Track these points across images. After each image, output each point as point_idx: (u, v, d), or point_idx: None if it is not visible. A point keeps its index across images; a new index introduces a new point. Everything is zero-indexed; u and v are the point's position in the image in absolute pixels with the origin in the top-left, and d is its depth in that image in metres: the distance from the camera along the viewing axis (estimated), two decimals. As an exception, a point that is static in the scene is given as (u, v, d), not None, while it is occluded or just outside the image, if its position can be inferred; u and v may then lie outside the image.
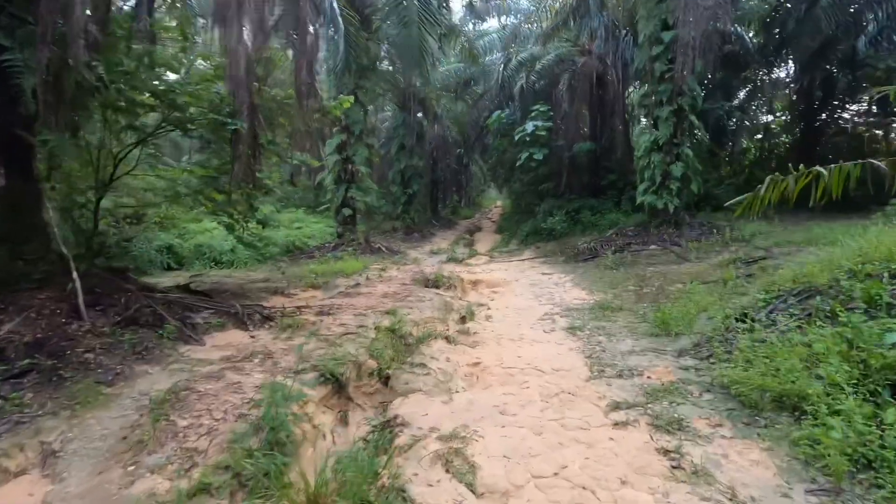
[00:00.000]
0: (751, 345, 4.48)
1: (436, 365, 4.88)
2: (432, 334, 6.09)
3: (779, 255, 8.98)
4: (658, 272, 9.42)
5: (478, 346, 5.79)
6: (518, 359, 5.18)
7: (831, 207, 15.27)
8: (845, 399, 3.07)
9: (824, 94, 16.44)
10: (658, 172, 12.45)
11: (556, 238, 16.42)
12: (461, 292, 10.18)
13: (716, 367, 4.59)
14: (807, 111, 17.75)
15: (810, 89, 16.44)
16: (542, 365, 4.92)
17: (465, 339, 6.04)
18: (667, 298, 7.61)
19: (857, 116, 18.08)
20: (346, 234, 14.28)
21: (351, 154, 14.05)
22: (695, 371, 4.61)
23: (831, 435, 2.79)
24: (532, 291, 9.18)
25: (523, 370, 4.81)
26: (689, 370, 4.64)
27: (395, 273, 11.09)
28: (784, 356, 3.91)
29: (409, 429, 3.54)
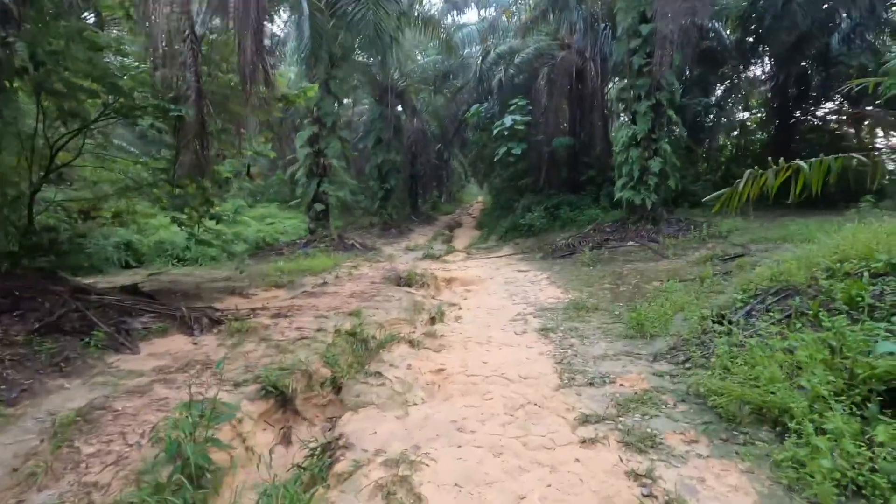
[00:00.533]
0: (728, 350, 4.18)
1: (394, 373, 4.47)
2: (396, 338, 5.69)
3: (756, 252, 8.79)
4: (635, 269, 9.16)
5: (443, 350, 5.39)
6: (484, 365, 4.80)
7: (804, 204, 15.29)
8: (832, 415, 2.76)
9: (799, 92, 16.44)
10: (636, 168, 12.21)
11: (535, 234, 16.13)
12: (434, 291, 9.78)
13: (692, 374, 4.28)
14: (782, 108, 17.77)
15: (785, 86, 16.42)
16: (509, 372, 4.55)
17: (431, 343, 5.64)
18: (643, 297, 7.33)
19: (830, 114, 18.19)
20: (319, 230, 13.75)
21: (323, 147, 13.50)
22: (670, 378, 4.29)
23: (820, 462, 2.47)
24: (506, 290, 8.83)
25: (488, 378, 4.43)
26: (663, 377, 4.32)
27: (366, 271, 10.64)
28: (764, 363, 3.60)
29: (352, 451, 3.13)
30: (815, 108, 17.36)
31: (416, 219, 24.53)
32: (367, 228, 20.10)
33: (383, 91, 20.27)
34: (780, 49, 15.03)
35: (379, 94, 20.60)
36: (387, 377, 4.33)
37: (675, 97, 12.36)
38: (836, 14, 14.17)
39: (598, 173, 18.12)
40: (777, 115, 18.17)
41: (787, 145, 18.06)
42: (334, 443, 3.24)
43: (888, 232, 6.22)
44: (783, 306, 5.03)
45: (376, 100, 20.81)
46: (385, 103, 20.09)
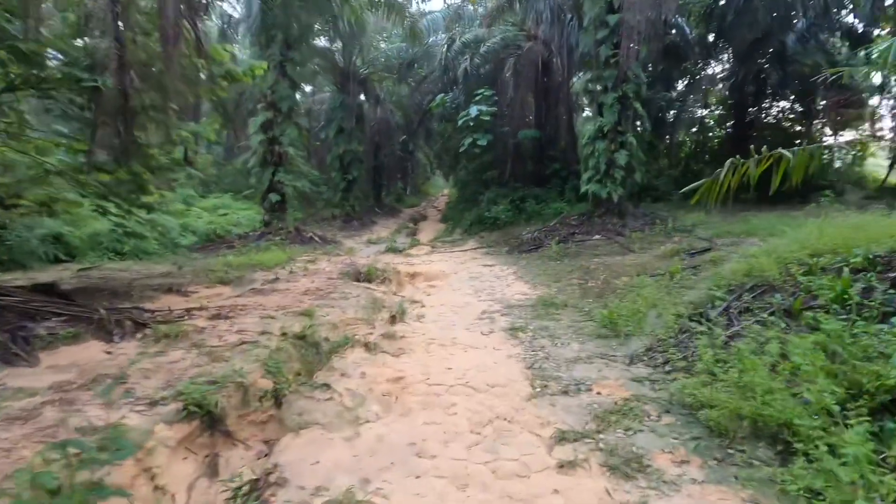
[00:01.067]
0: (711, 351, 3.83)
1: (345, 384, 3.89)
2: (351, 341, 5.10)
3: (722, 247, 8.65)
4: (603, 264, 8.86)
5: (403, 354, 4.84)
6: (448, 371, 4.29)
7: (760, 200, 15.51)
8: (846, 435, 2.39)
9: (756, 89, 16.68)
10: (602, 161, 11.96)
11: (501, 227, 15.76)
12: (396, 287, 9.20)
13: (674, 378, 3.91)
14: (739, 106, 18.03)
15: (743, 84, 16.62)
16: (475, 379, 4.05)
17: (390, 346, 5.08)
18: (613, 293, 7.00)
19: (782, 112, 18.62)
20: (274, 222, 12.88)
21: (278, 134, 12.61)
22: (650, 384, 3.90)
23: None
24: (472, 285, 8.35)
25: (452, 387, 3.92)
26: (643, 382, 3.93)
27: (324, 265, 9.94)
28: (754, 369, 3.24)
29: (286, 489, 2.55)
30: (771, 105, 17.69)
31: (380, 211, 23.77)
32: (328, 221, 19.24)
33: (345, 78, 19.38)
34: (741, 46, 15.15)
35: (340, 82, 19.68)
36: (336, 390, 3.75)
37: (642, 90, 12.17)
38: (794, 13, 14.35)
39: (564, 167, 17.93)
40: (735, 112, 18.46)
41: (744, 142, 18.39)
42: (264, 479, 2.64)
43: (855, 226, 6.09)
44: (762, 303, 4.75)
45: (338, 87, 19.88)
46: (347, 91, 19.20)
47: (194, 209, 14.18)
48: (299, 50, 12.94)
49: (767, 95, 17.28)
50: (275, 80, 12.47)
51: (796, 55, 15.24)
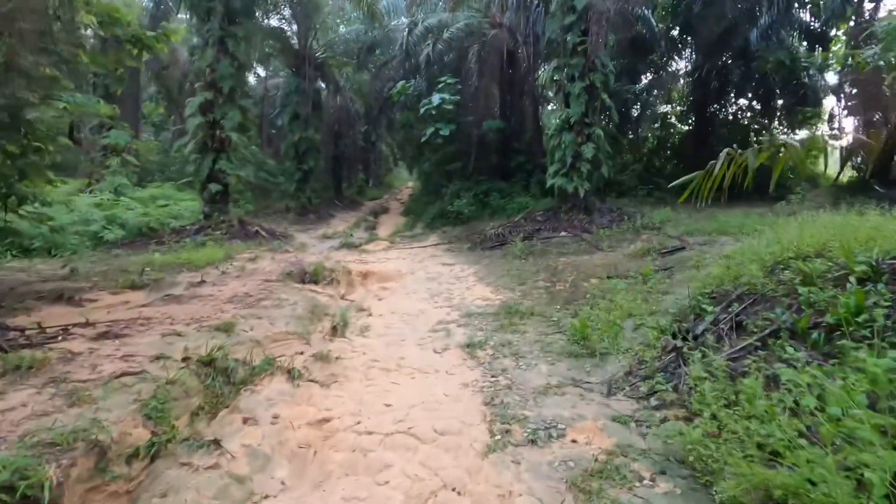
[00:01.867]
0: (709, 385, 3.06)
1: (245, 438, 2.90)
2: (272, 366, 4.08)
3: (694, 246, 8.06)
4: (570, 263, 8.12)
5: (335, 383, 3.88)
6: (387, 410, 3.37)
7: (719, 198, 15.33)
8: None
9: (719, 85, 16.40)
10: (569, 153, 11.25)
11: (464, 222, 14.91)
12: (345, 289, 8.18)
13: (664, 416, 3.13)
14: (701, 102, 17.78)
15: (707, 79, 16.31)
16: (420, 423, 3.15)
17: (321, 372, 4.10)
18: (583, 298, 6.24)
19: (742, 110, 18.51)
20: (215, 214, 11.53)
21: (219, 117, 11.24)
22: (636, 426, 3.10)
23: None
24: (428, 288, 7.44)
25: (390, 436, 3.00)
26: (627, 424, 3.12)
27: (265, 264, 8.78)
28: (771, 418, 2.47)
29: None
30: (734, 102, 17.51)
31: (340, 204, 22.47)
32: (281, 213, 17.86)
33: (300, 61, 17.94)
34: (707, 40, 14.76)
35: (295, 65, 18.23)
36: (228, 449, 2.75)
37: (610, 80, 11.50)
38: (759, 9, 14.03)
39: (529, 160, 17.22)
40: (696, 108, 18.21)
41: (705, 139, 18.23)
42: None
43: (840, 226, 5.51)
44: (757, 318, 4.04)
45: (293, 71, 18.42)
46: (303, 75, 17.78)
47: (125, 200, 12.58)
48: (242, 25, 11.55)
49: (729, 92, 17.06)
50: (214, 57, 11.07)
51: (758, 51, 14.99)
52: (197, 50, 11.50)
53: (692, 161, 19.11)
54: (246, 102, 11.93)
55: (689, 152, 19.26)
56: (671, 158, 20.47)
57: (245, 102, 11.91)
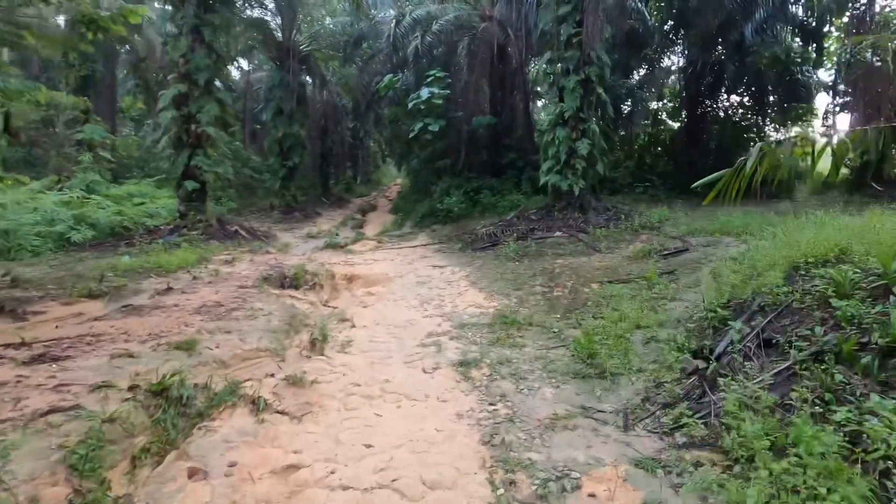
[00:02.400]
0: (750, 422, 2.55)
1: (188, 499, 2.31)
2: (236, 394, 3.50)
3: (698, 247, 7.60)
4: (568, 266, 7.61)
5: (308, 414, 3.31)
6: (367, 453, 2.81)
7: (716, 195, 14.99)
8: None
9: (714, 81, 15.99)
10: (563, 150, 10.73)
11: (454, 220, 14.35)
12: (327, 295, 7.59)
13: (696, 460, 2.61)
14: (694, 98, 17.37)
15: (701, 75, 15.89)
16: (406, 471, 2.59)
17: (294, 399, 3.53)
18: (585, 306, 5.73)
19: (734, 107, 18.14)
20: (192, 213, 10.82)
21: (194, 110, 10.51)
22: (664, 472, 2.57)
23: None
24: (418, 294, 6.87)
25: (370, 493, 2.43)
26: (654, 472, 2.59)
27: (242, 267, 8.14)
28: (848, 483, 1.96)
29: None
30: (727, 98, 17.14)
31: (327, 201, 21.74)
32: (265, 212, 17.13)
33: (284, 54, 17.17)
34: (700, 34, 14.33)
35: (279, 58, 17.46)
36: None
37: (605, 73, 10.99)
38: (753, 3, 13.61)
39: (520, 157, 16.68)
40: (689, 104, 17.81)
41: (697, 136, 17.86)
42: None
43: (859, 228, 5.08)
44: (787, 335, 3.55)
45: (276, 64, 17.65)
46: (286, 68, 17.01)
47: (96, 198, 11.78)
48: (220, 13, 10.81)
49: (722, 88, 16.67)
50: (188, 46, 10.33)
51: (754, 46, 14.59)
52: (170, 39, 10.74)
53: (684, 158, 18.81)
54: (225, 95, 11.21)
55: (680, 149, 18.91)
56: (661, 156, 20.11)
57: (224, 95, 11.19)
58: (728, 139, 17.77)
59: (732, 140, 17.75)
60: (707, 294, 4.89)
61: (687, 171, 17.59)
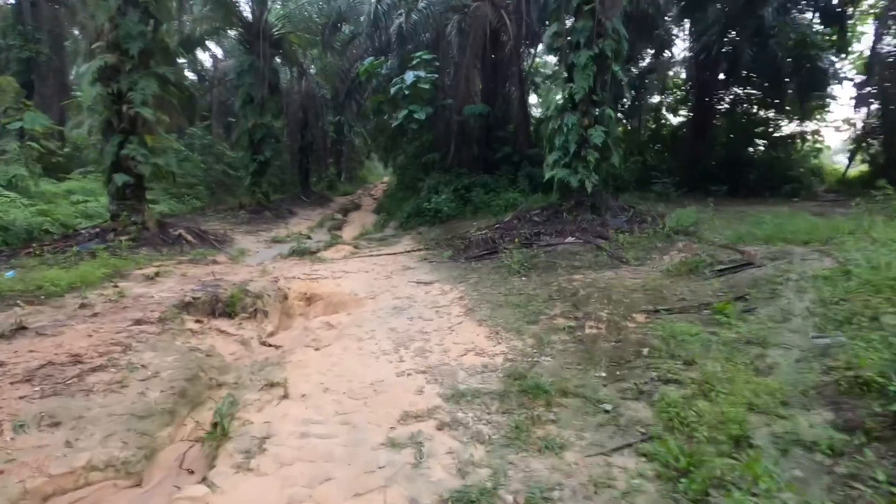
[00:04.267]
0: None
1: None
2: None
3: (764, 260, 5.65)
4: (592, 285, 5.61)
5: None
6: None
7: (730, 192, 12.96)
8: None
9: (729, 68, 14.12)
10: (573, 139, 8.74)
11: (443, 221, 12.33)
12: (274, 324, 5.51)
13: None
14: (703, 88, 15.54)
15: (715, 62, 14.03)
16: None
17: None
18: (637, 354, 3.74)
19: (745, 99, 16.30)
20: (124, 214, 8.61)
21: (125, 88, 8.30)
22: None
23: None
24: (393, 328, 4.81)
25: None
26: None
27: (165, 286, 6.00)
28: None
29: None
30: (740, 88, 15.29)
31: (307, 200, 19.51)
32: (232, 211, 14.88)
33: (254, 36, 14.92)
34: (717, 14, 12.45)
35: (248, 40, 15.20)
36: None
37: (622, 49, 9.00)
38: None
39: (515, 151, 14.68)
40: (698, 95, 15.96)
41: (705, 129, 16.03)
42: None
43: None
44: None
45: (246, 47, 15.38)
46: (256, 52, 14.76)
47: (8, 195, 9.47)
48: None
49: (736, 77, 14.82)
50: (116, 8, 8.12)
51: (774, 29, 12.77)
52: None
53: (689, 154, 16.98)
54: (168, 71, 8.97)
55: (684, 144, 17.08)
56: (663, 151, 18.28)
57: (166, 71, 8.95)
58: (739, 133, 15.98)
59: (744, 134, 15.96)
60: (856, 347, 2.94)
61: (693, 166, 15.81)
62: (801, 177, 14.74)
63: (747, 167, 14.73)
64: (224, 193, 18.81)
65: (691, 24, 14.39)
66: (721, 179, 14.12)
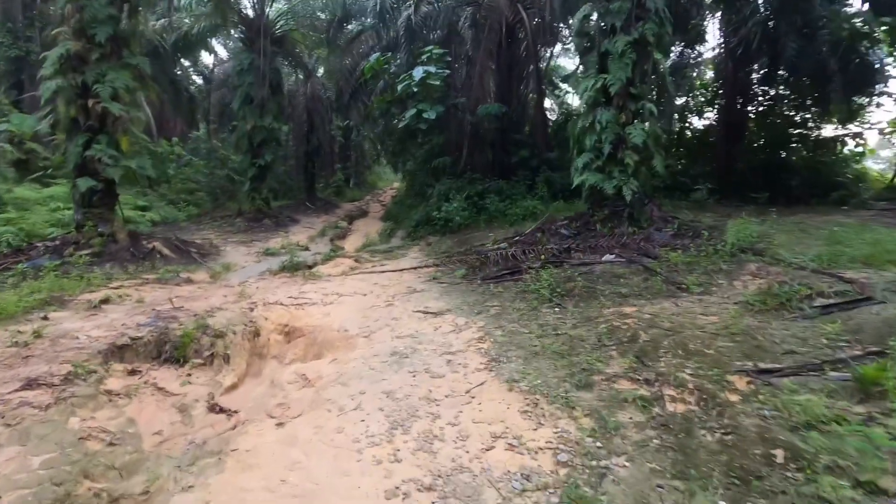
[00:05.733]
0: None
1: None
2: None
3: (885, 293, 4.17)
4: (652, 322, 4.16)
5: None
6: None
7: (771, 200, 11.36)
8: None
9: (770, 62, 12.57)
10: (608, 138, 7.32)
11: (454, 231, 10.95)
12: (236, 374, 4.15)
13: None
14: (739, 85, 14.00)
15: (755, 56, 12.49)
16: None
17: None
18: (768, 462, 2.30)
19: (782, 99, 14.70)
20: (90, 224, 7.35)
21: (91, 80, 7.07)
22: None
23: None
24: (391, 390, 3.43)
25: None
26: None
27: (110, 318, 4.67)
28: None
29: None
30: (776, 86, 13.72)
31: (312, 206, 18.25)
32: (229, 219, 13.66)
33: (254, 32, 13.75)
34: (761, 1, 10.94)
35: (248, 37, 14.03)
36: None
37: (666, 33, 7.56)
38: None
39: (533, 154, 13.29)
40: (730, 93, 14.40)
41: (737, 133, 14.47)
42: None
43: None
44: None
45: (246, 44, 14.21)
46: (257, 49, 13.57)
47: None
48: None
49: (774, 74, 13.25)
50: (82, -12, 6.91)
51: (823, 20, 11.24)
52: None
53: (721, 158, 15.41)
54: (142, 61, 7.73)
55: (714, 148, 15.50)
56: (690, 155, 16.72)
57: (141, 62, 7.71)
58: (777, 135, 14.38)
59: (780, 138, 14.35)
60: None
61: (726, 172, 14.28)
62: (849, 184, 13.12)
63: (788, 173, 13.16)
64: (228, 200, 17.64)
65: (727, 15, 12.85)
66: (759, 186, 12.59)
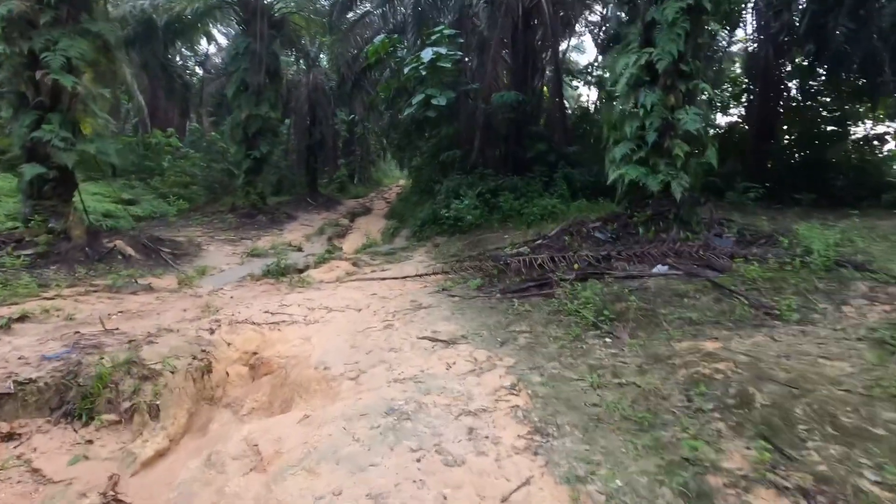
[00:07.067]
0: None
1: None
2: None
3: None
4: (755, 369, 2.86)
5: None
6: None
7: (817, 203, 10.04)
8: None
9: (817, 50, 11.16)
10: (652, 124, 6.02)
11: (465, 231, 9.69)
12: (163, 437, 2.86)
13: None
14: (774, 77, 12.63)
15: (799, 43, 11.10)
16: None
17: None
18: None
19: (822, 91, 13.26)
20: (38, 219, 6.14)
21: (39, 48, 5.85)
22: None
23: None
24: (381, 490, 2.14)
25: None
26: None
27: (13, 344, 3.44)
28: None
29: None
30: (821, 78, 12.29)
31: (313, 202, 17.02)
32: (220, 214, 12.45)
33: (251, 14, 12.51)
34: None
35: (245, 20, 12.81)
36: None
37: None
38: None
39: (551, 148, 11.97)
40: (763, 86, 13.01)
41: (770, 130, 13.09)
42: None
43: None
44: None
45: (242, 27, 13.00)
46: (253, 33, 12.33)
47: None
48: None
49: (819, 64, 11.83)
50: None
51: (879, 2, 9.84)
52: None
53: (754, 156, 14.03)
54: (105, 28, 6.49)
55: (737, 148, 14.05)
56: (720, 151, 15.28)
57: (104, 28, 6.48)
58: (815, 133, 12.98)
59: (818, 138, 12.95)
60: None
61: (762, 171, 12.92)
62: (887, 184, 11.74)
63: (832, 172, 11.80)
64: (225, 194, 16.47)
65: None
66: (798, 186, 11.26)
